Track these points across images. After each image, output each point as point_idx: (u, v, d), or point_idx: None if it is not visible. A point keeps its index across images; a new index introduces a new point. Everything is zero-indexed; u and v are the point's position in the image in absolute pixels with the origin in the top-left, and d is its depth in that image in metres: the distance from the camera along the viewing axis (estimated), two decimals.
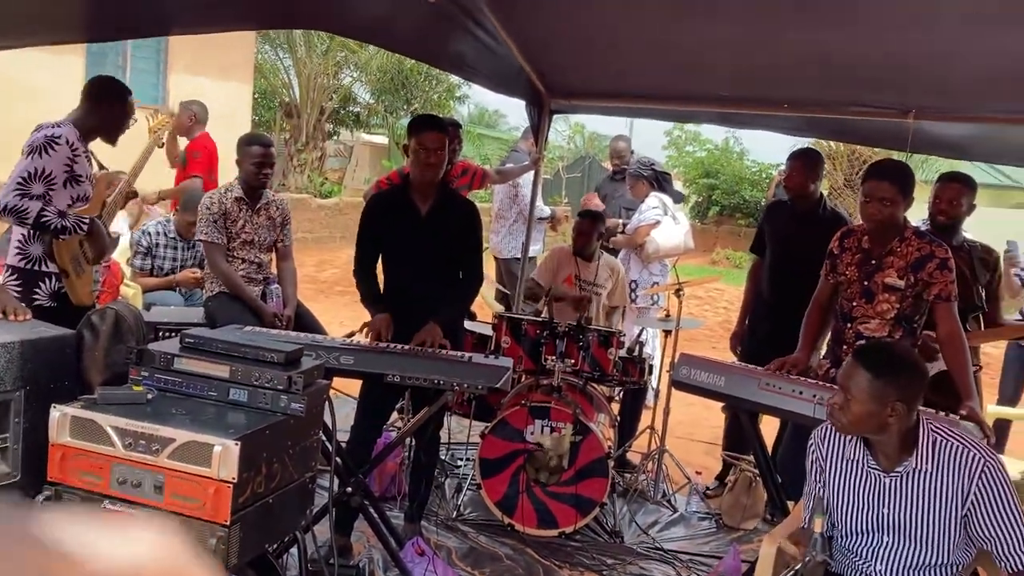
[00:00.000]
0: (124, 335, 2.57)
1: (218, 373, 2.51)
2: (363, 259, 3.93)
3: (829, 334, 3.96)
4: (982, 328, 4.24)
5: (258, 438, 2.29)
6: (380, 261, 3.97)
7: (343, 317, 8.50)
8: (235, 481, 2.19)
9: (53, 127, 3.52)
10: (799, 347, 3.79)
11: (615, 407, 5.07)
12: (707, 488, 5.01)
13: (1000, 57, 3.92)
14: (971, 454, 2.37)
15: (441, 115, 4.68)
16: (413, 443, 4.16)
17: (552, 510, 4.19)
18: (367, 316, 3.82)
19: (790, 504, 3.58)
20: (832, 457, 2.57)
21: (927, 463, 2.40)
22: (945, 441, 2.41)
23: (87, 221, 3.57)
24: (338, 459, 3.22)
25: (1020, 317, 5.24)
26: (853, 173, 17.54)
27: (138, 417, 2.29)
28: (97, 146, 3.73)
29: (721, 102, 5.30)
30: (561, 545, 4.15)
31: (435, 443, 4.08)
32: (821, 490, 2.58)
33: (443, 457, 4.72)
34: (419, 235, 3.83)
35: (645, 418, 5.24)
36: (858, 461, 2.51)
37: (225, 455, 2.18)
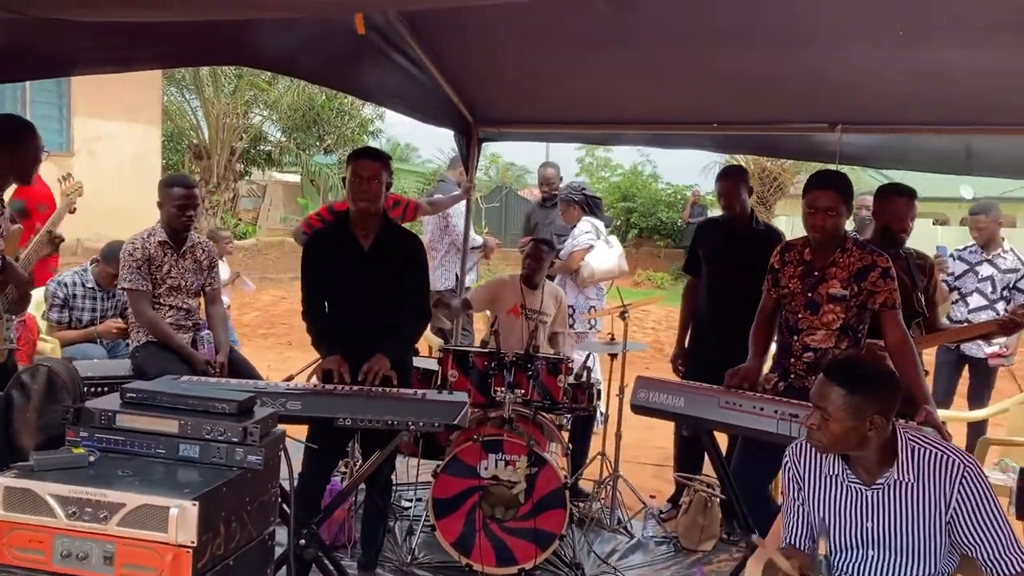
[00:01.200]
0: (59, 393, 2.37)
1: (166, 428, 2.33)
2: (311, 299, 3.80)
3: (775, 347, 3.97)
4: (923, 334, 4.30)
5: (216, 496, 2.13)
6: (326, 298, 3.83)
7: (269, 360, 8.25)
8: (194, 545, 2.03)
9: None
10: (750, 356, 3.77)
11: (564, 435, 4.98)
12: (661, 511, 4.95)
13: (916, 72, 4.04)
14: (951, 460, 2.35)
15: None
16: (364, 487, 3.99)
17: (511, 546, 4.06)
18: (293, 359, 3.68)
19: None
20: (810, 474, 2.53)
21: (908, 473, 2.37)
22: (924, 449, 2.39)
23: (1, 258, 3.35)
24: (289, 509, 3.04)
25: (949, 322, 5.38)
26: (764, 190, 18.04)
27: (81, 482, 2.11)
28: None
29: (649, 123, 5.33)
30: None
31: (388, 487, 3.94)
32: (801, 507, 2.53)
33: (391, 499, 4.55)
34: (362, 270, 3.71)
35: (594, 444, 5.16)
36: (837, 476, 2.47)
37: (182, 517, 2.02)
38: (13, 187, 3.53)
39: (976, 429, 5.28)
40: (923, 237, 5.69)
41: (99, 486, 2.09)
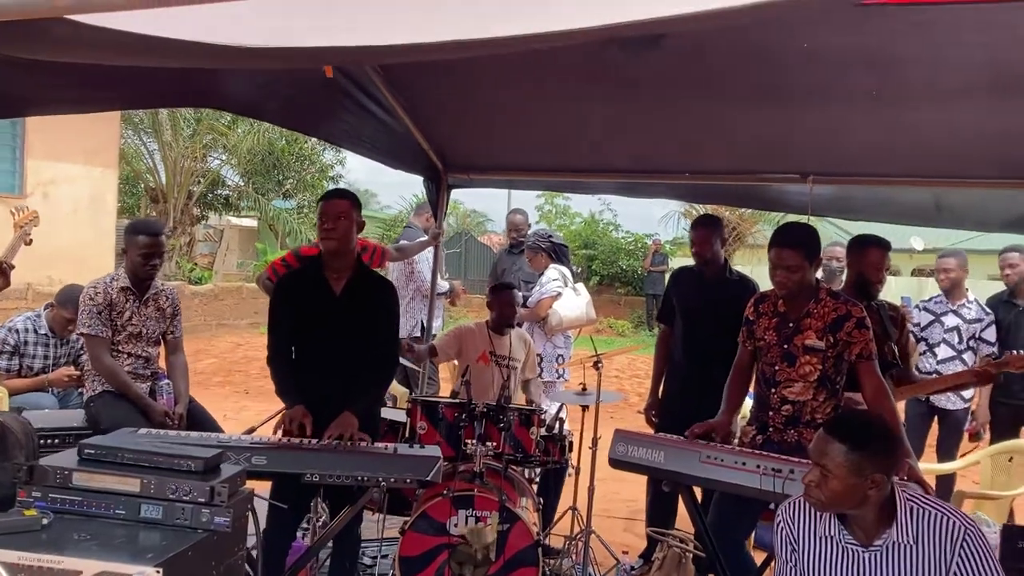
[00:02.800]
0: (11, 450, 2.22)
1: (126, 488, 2.19)
2: (277, 344, 3.67)
3: (752, 400, 3.91)
4: (896, 385, 4.27)
5: (181, 561, 1.99)
6: (294, 343, 3.70)
7: (225, 409, 8.02)
8: None
9: None
10: (721, 411, 3.72)
11: (533, 488, 4.85)
12: (633, 567, 4.82)
13: (888, 128, 4.08)
14: (951, 522, 2.29)
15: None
16: (329, 545, 3.82)
17: None
18: (250, 408, 3.53)
19: None
20: (804, 534, 2.45)
21: (907, 535, 2.30)
22: (923, 510, 2.32)
23: None
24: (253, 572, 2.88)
25: (918, 373, 5.38)
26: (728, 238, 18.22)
27: (33, 548, 1.95)
28: None
29: (621, 172, 5.32)
30: None
31: (356, 545, 3.78)
32: (793, 569, 2.44)
33: None
34: (333, 313, 3.60)
35: (564, 497, 5.04)
36: (833, 537, 2.39)
37: None
38: None
39: (945, 482, 5.26)
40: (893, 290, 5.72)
41: (53, 552, 1.94)
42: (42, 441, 3.49)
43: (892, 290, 7.73)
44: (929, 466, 5.25)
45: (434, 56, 3.69)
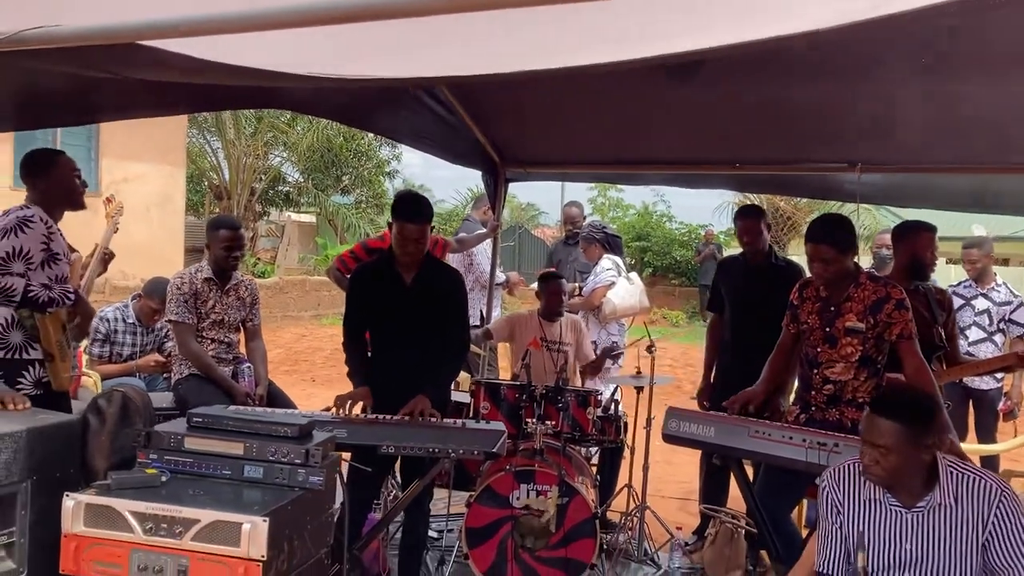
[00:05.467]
0: (131, 418, 2.51)
1: (232, 451, 2.47)
2: (352, 331, 3.93)
3: (796, 381, 4.08)
4: (943, 368, 4.40)
5: (283, 514, 2.26)
6: (370, 331, 3.97)
7: (294, 396, 8.34)
8: (264, 559, 2.15)
9: (22, 208, 3.48)
10: (759, 381, 3.89)
11: (592, 467, 5.07)
12: (687, 543, 5.02)
13: (937, 111, 4.16)
14: (988, 485, 2.47)
15: (416, 192, 4.72)
16: (401, 518, 4.09)
17: (542, 575, 4.14)
18: (317, 395, 3.79)
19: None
20: (849, 498, 2.63)
21: (948, 496, 2.48)
22: (962, 474, 2.50)
23: (72, 291, 3.51)
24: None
25: None
26: (778, 230, 18.16)
27: (157, 500, 2.24)
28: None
29: (673, 164, 5.48)
30: None
31: (426, 516, 4.04)
32: (839, 531, 2.63)
33: None
34: (404, 304, 3.84)
35: (620, 476, 5.25)
36: (878, 500, 2.57)
37: (254, 533, 2.14)
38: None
39: (989, 463, 5.35)
40: (937, 275, 5.80)
41: (173, 503, 2.22)
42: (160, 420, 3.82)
43: (951, 277, 7.74)
44: (973, 447, 5.34)
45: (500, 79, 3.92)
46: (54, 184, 3.59)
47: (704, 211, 47.86)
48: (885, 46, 3.55)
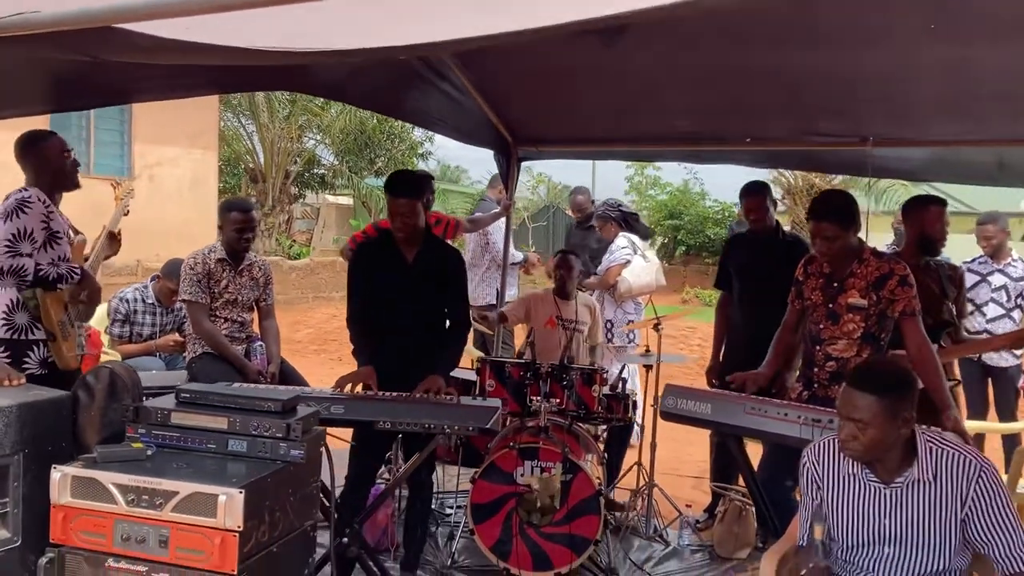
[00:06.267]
0: (120, 394, 2.58)
1: (216, 425, 2.53)
2: (355, 310, 4.00)
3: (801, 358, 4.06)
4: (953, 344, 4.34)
5: (261, 486, 2.32)
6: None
7: (321, 375, 8.48)
8: (240, 529, 2.21)
9: (20, 191, 3.57)
10: (764, 363, 3.89)
11: (600, 446, 5.09)
12: (697, 521, 5.03)
13: (950, 83, 4.09)
14: (967, 460, 2.44)
15: (414, 170, 4.77)
16: (405, 492, 4.16)
17: (547, 551, 4.18)
18: (344, 373, 3.84)
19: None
20: (828, 473, 2.63)
21: (927, 472, 2.46)
22: (941, 449, 2.48)
23: (78, 268, 3.61)
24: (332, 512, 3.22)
25: (967, 334, 5.39)
26: None
27: (139, 472, 2.31)
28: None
29: (685, 140, 5.45)
30: None
31: (428, 488, 4.10)
32: (818, 502, 2.63)
33: (433, 506, 4.71)
34: (406, 282, 3.89)
35: (630, 456, 5.27)
36: (856, 475, 2.57)
37: (230, 504, 2.21)
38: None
39: (1010, 441, 5.28)
40: (973, 253, 5.72)
41: (155, 476, 2.29)
42: (151, 399, 3.92)
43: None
44: (994, 425, 5.28)
45: (502, 43, 3.92)
46: (43, 165, 3.65)
47: (739, 188, 47.22)
48: (899, 14, 3.50)
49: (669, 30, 3.80)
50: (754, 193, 4.84)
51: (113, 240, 4.00)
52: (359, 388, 3.74)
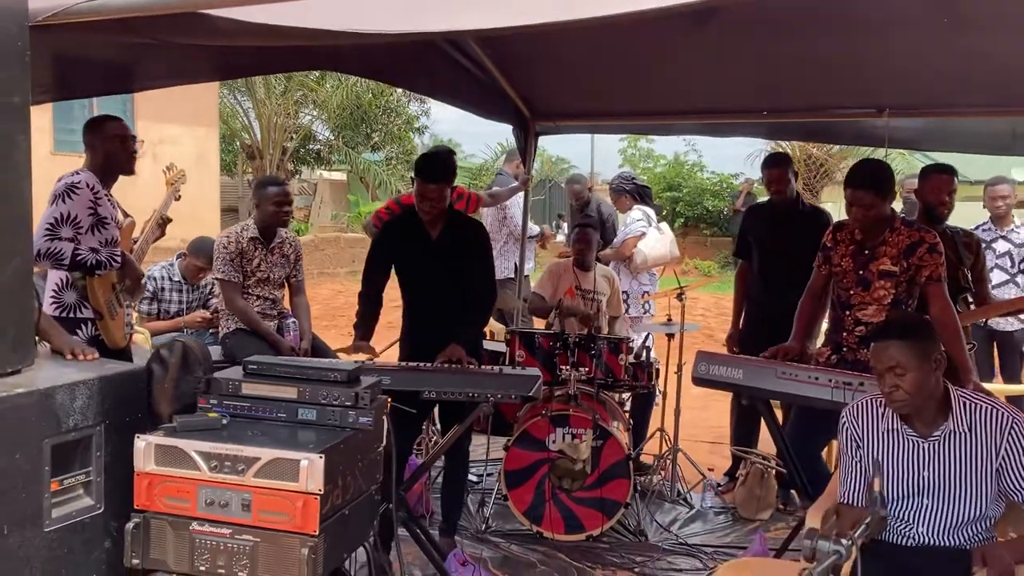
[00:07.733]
0: (192, 366, 2.68)
1: (286, 395, 2.63)
2: (368, 284, 4.13)
3: (825, 323, 4.18)
4: (970, 309, 4.47)
5: (336, 452, 2.42)
6: (400, 286, 4.12)
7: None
8: (321, 492, 2.32)
9: (72, 175, 3.65)
10: (792, 335, 4.00)
11: (625, 412, 5.22)
12: (719, 484, 5.18)
13: (962, 56, 4.18)
14: (1000, 413, 2.60)
15: (440, 150, 4.83)
16: (442, 462, 4.27)
17: (578, 515, 4.33)
18: None
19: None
20: (868, 431, 2.76)
21: (962, 424, 2.61)
22: (973, 404, 2.63)
23: (120, 254, 3.70)
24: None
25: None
26: (811, 177, 18.04)
27: (219, 440, 2.41)
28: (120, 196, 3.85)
29: (703, 113, 5.53)
30: (590, 548, 4.29)
31: (466, 458, 4.22)
32: (859, 464, 2.76)
33: None
34: (432, 258, 3.99)
35: (653, 421, 5.40)
36: (895, 431, 2.70)
37: (311, 469, 2.31)
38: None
39: (1015, 404, 5.41)
40: (978, 220, 5.80)
41: (235, 443, 2.39)
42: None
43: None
44: (999, 387, 5.41)
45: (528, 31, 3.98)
46: (98, 148, 3.74)
47: (736, 160, 47.49)
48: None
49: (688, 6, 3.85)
50: (777, 164, 4.95)
51: (161, 225, 4.09)
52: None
